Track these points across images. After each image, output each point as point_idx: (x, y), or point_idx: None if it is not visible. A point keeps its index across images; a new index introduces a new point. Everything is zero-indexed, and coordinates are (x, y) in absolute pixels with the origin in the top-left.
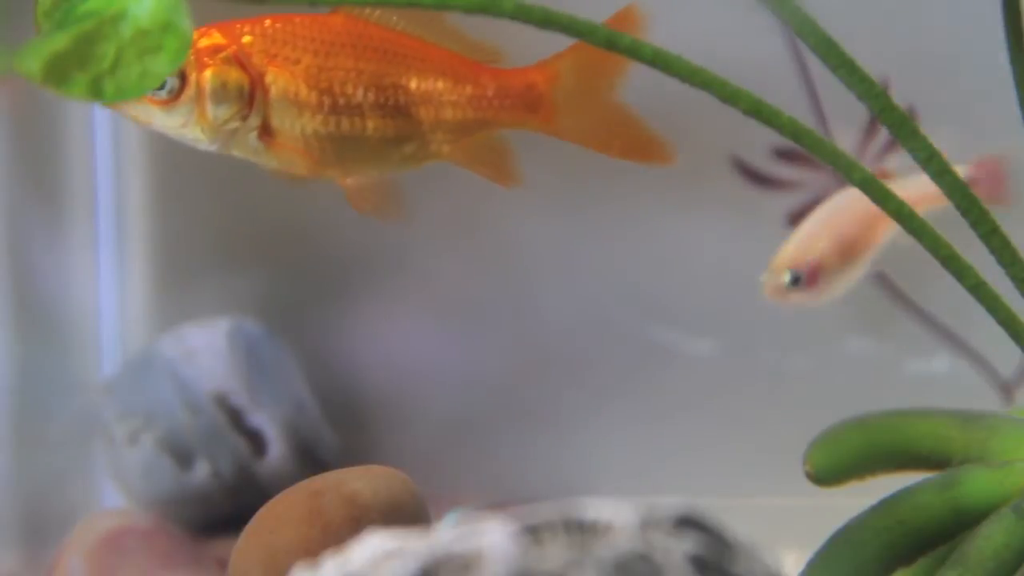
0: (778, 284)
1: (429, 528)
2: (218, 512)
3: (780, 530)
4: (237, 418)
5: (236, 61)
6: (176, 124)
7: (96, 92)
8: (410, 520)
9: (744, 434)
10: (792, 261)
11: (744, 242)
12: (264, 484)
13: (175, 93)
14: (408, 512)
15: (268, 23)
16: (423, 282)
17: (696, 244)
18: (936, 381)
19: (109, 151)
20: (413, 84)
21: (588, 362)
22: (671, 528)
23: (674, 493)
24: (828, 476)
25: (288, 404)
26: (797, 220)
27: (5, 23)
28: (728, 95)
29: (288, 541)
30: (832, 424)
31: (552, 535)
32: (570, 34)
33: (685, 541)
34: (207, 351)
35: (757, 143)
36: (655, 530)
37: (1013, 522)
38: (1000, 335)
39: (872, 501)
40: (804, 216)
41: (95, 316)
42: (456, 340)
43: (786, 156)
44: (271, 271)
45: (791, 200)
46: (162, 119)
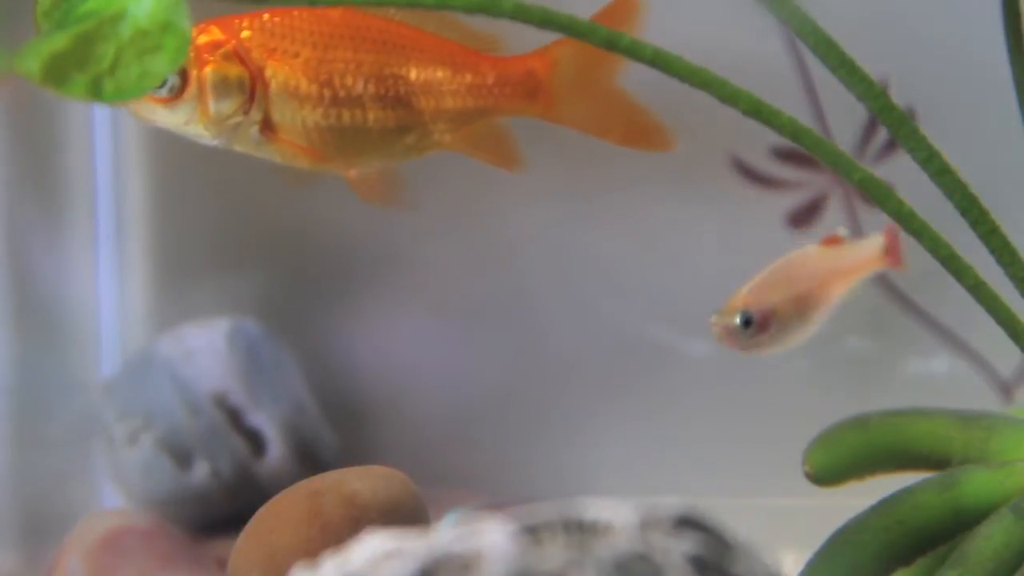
0: (728, 325)
1: (428, 528)
2: (218, 512)
3: (780, 530)
4: (236, 418)
5: (236, 56)
6: (179, 121)
7: (96, 92)
8: (409, 520)
9: (744, 434)
10: (745, 304)
11: (744, 242)
12: (263, 484)
13: (177, 91)
14: (407, 512)
15: (266, 17)
16: (423, 282)
17: (696, 244)
18: (936, 381)
19: (109, 151)
20: (413, 74)
21: (588, 362)
22: (671, 528)
23: (674, 493)
24: (827, 476)
25: (287, 404)
26: (797, 220)
27: (5, 23)
28: (728, 95)
29: (287, 541)
30: (832, 424)
31: (552, 535)
32: (570, 34)
33: (685, 541)
34: (206, 351)
35: (757, 143)
36: (655, 530)
37: (1012, 522)
38: (1000, 335)
39: (872, 501)
40: (804, 216)
41: (95, 316)
42: (455, 340)
43: (786, 156)
44: (270, 271)
45: (791, 200)
46: (165, 116)
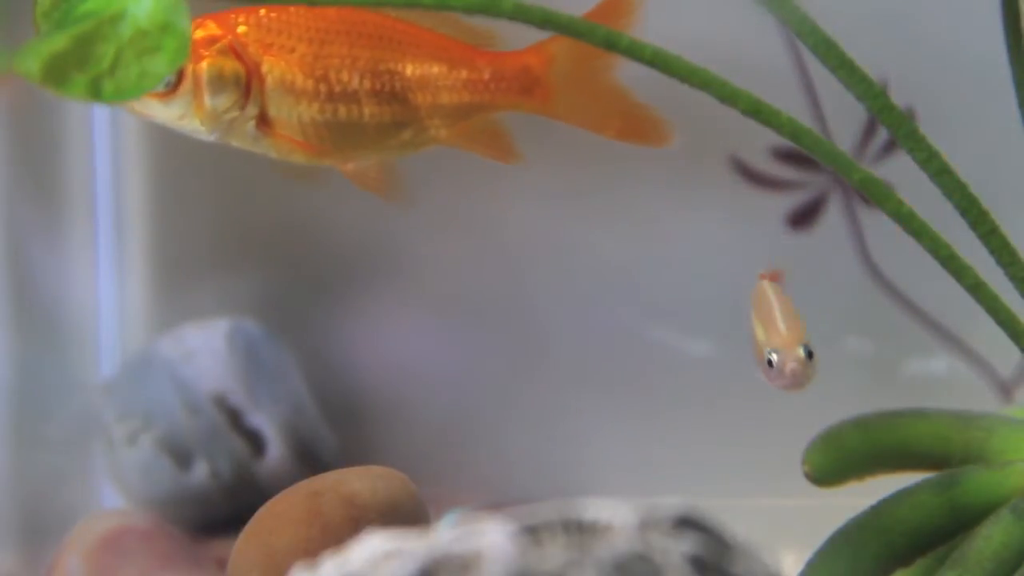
0: (799, 359)
1: (428, 528)
2: (217, 512)
3: (780, 530)
4: (236, 418)
5: (232, 51)
6: (175, 116)
7: (95, 93)
8: (409, 520)
9: (744, 434)
10: (798, 340)
11: (744, 242)
12: (263, 484)
13: (172, 85)
14: (407, 512)
15: (263, 12)
16: (423, 283)
17: (696, 244)
18: (936, 381)
19: (108, 151)
20: (409, 70)
21: (588, 362)
22: (670, 528)
23: (673, 493)
24: (827, 476)
25: (287, 404)
26: (797, 220)
27: (5, 23)
28: (728, 95)
29: (287, 541)
30: (832, 424)
31: (551, 535)
32: (569, 34)
33: (684, 541)
34: (206, 351)
35: (757, 143)
36: (654, 530)
37: (1012, 522)
38: (1000, 335)
39: (872, 501)
40: (804, 216)
41: (94, 316)
42: (455, 340)
43: (785, 156)
44: (270, 272)
45: (791, 200)
46: (161, 111)
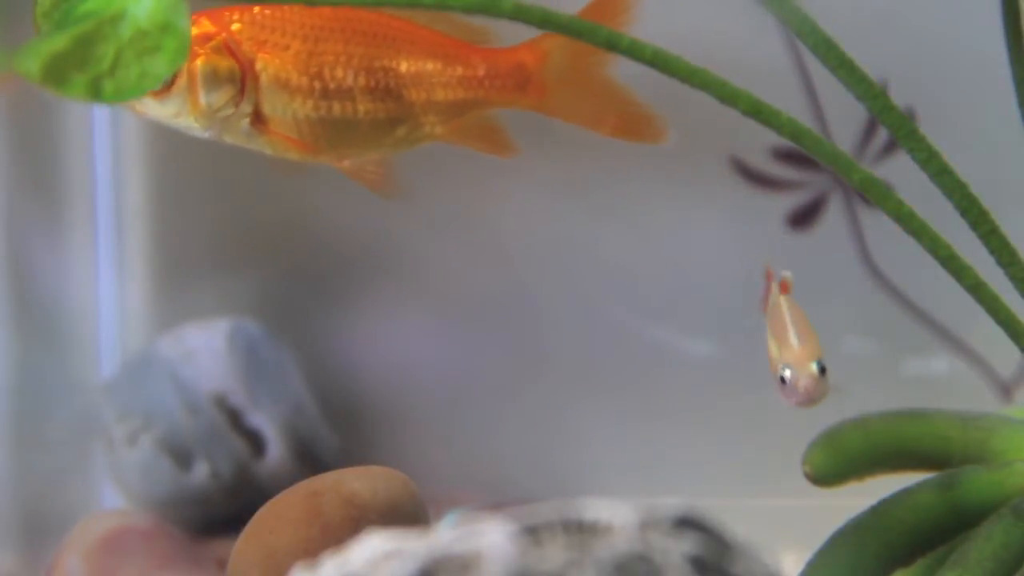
0: (812, 375)
1: (428, 528)
2: (217, 512)
3: (780, 530)
4: (236, 418)
5: (226, 49)
6: (169, 113)
7: (95, 93)
8: (409, 520)
9: (743, 434)
10: (810, 355)
11: (744, 242)
12: (263, 484)
13: (167, 83)
14: (407, 512)
15: (257, 10)
16: (422, 283)
17: (696, 244)
18: (936, 381)
19: (108, 152)
20: (403, 66)
21: (588, 363)
22: (670, 528)
23: (673, 493)
24: (827, 476)
25: (287, 404)
26: (797, 220)
27: (5, 23)
28: (728, 95)
29: (287, 541)
30: (832, 424)
31: (551, 536)
32: (569, 34)
33: (684, 541)
34: (206, 351)
35: (757, 143)
36: (654, 530)
37: (1012, 522)
38: (1000, 335)
39: (872, 501)
40: (804, 216)
41: (94, 316)
42: (455, 340)
43: (785, 156)
44: (270, 272)
45: (791, 200)
46: (156, 108)
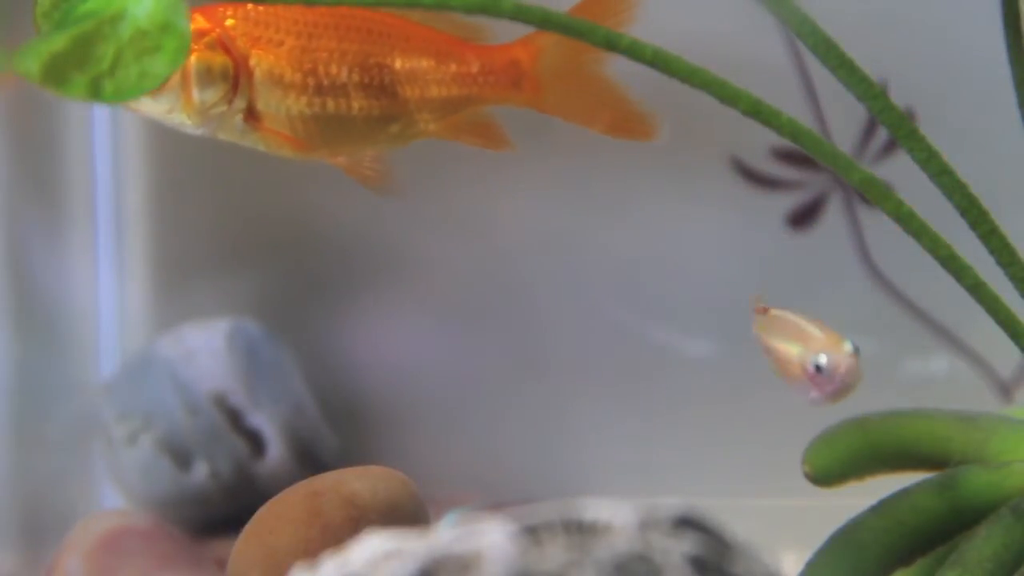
0: (850, 353)
1: (428, 528)
2: (217, 513)
3: (780, 530)
4: (236, 418)
5: (220, 45)
6: (163, 110)
7: (95, 93)
8: (409, 520)
9: (743, 434)
10: (838, 337)
11: (744, 242)
12: (263, 485)
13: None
14: (407, 512)
15: (251, 6)
16: (423, 283)
17: (696, 244)
18: (935, 381)
19: (108, 152)
20: (397, 63)
21: (588, 362)
22: (670, 528)
23: (674, 493)
24: (827, 476)
25: (287, 404)
26: (797, 220)
27: (5, 23)
28: (728, 95)
29: (287, 542)
30: (831, 424)
31: (551, 535)
32: (569, 34)
33: (684, 541)
34: (206, 351)
35: (757, 143)
36: (654, 530)
37: (1012, 523)
38: (1000, 335)
39: (872, 501)
40: (804, 216)
41: (94, 317)
42: (455, 340)
43: (785, 156)
44: (270, 271)
45: (791, 200)
46: (149, 105)
